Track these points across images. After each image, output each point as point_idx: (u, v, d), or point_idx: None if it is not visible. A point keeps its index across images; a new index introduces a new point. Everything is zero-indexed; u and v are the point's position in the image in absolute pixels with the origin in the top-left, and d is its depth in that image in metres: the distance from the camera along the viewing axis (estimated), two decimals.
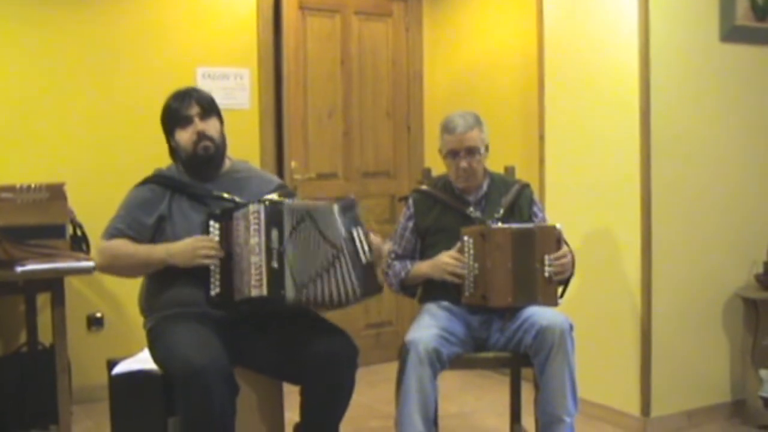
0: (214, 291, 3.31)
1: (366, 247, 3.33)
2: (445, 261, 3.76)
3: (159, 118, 3.59)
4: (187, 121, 3.50)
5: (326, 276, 3.27)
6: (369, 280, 3.34)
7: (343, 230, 3.32)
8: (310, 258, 3.28)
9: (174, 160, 3.62)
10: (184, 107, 3.51)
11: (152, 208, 3.44)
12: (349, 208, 3.38)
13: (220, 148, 3.56)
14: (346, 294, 3.29)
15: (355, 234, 3.34)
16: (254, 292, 3.22)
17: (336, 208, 3.36)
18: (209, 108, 3.55)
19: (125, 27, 5.32)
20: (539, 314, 3.61)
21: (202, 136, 3.49)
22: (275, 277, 3.22)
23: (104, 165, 5.20)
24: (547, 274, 3.69)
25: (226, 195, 3.48)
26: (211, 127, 3.52)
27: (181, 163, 3.56)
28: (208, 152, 3.51)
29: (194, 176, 3.54)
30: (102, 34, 5.26)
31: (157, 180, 3.52)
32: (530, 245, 3.70)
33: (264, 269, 3.21)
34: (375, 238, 3.40)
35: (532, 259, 3.69)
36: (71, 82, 5.18)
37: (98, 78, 5.25)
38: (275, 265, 3.22)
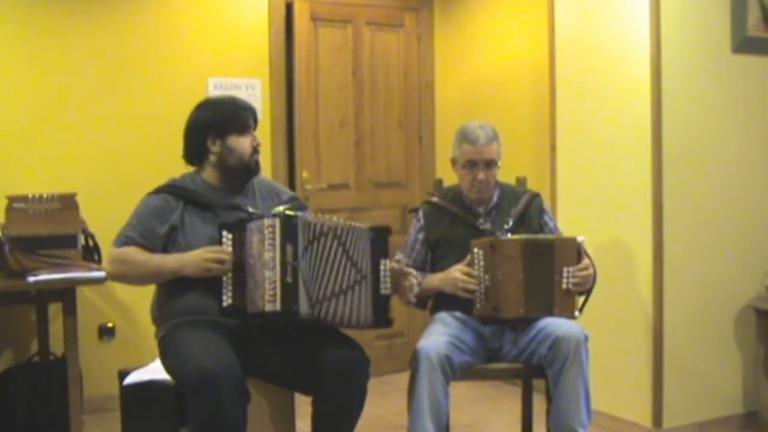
0: (227, 302, 3.33)
1: (388, 281, 3.35)
2: (457, 277, 3.74)
3: (192, 119, 3.58)
4: (247, 130, 3.55)
5: (344, 297, 3.29)
6: (381, 313, 3.35)
7: (370, 257, 3.33)
8: (330, 275, 3.29)
9: (193, 165, 3.62)
10: (245, 116, 3.57)
11: (165, 217, 3.44)
12: (382, 238, 3.38)
13: None
14: (357, 319, 3.31)
15: (381, 265, 3.35)
16: (268, 307, 3.24)
17: (370, 234, 3.36)
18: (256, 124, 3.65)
19: (138, 38, 5.34)
20: (554, 325, 3.60)
21: (256, 148, 3.58)
22: (289, 292, 3.22)
23: (116, 175, 5.21)
24: (565, 286, 3.68)
25: (239, 204, 3.49)
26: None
27: (223, 169, 3.54)
28: (258, 165, 3.59)
29: (230, 184, 3.56)
30: (114, 44, 5.28)
31: (171, 190, 3.51)
32: (548, 256, 3.69)
33: (278, 284, 3.23)
34: (397, 271, 3.43)
35: (550, 271, 3.68)
36: (83, 93, 5.20)
37: (110, 88, 5.27)
38: (289, 279, 3.23)
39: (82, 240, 4.46)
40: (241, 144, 3.52)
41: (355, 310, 3.30)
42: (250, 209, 3.47)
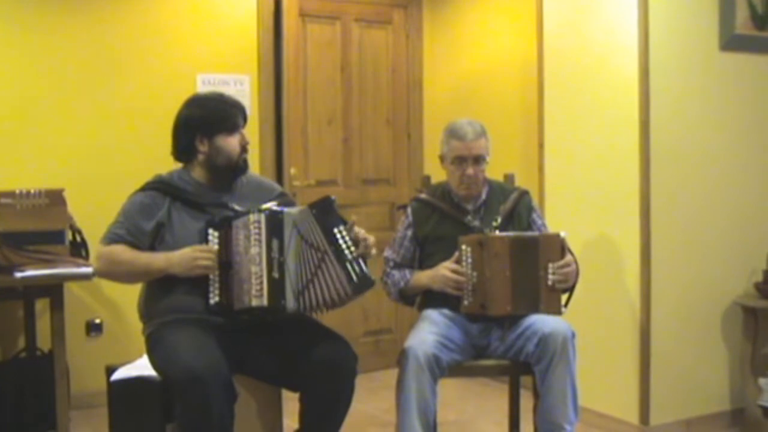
0: (214, 299, 3.33)
1: (350, 245, 3.28)
2: (445, 274, 3.74)
3: (180, 117, 3.54)
4: (236, 129, 3.52)
5: (316, 280, 3.26)
6: (358, 276, 3.26)
7: (323, 232, 3.27)
8: (302, 265, 3.28)
9: (182, 162, 3.59)
10: (234, 115, 3.54)
11: (151, 214, 3.42)
12: (327, 209, 3.33)
13: None
14: (338, 295, 3.25)
15: (337, 233, 3.28)
16: (255, 302, 3.25)
17: (313, 211, 3.31)
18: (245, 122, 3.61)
19: (126, 34, 5.32)
20: (541, 322, 3.61)
21: (245, 147, 3.55)
22: (276, 287, 3.23)
23: (104, 171, 5.19)
24: (550, 282, 3.68)
25: (226, 203, 3.48)
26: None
27: (211, 168, 3.52)
28: (246, 164, 3.57)
29: (219, 183, 3.54)
30: (102, 40, 5.26)
31: (157, 186, 3.50)
32: (532, 253, 3.69)
33: (264, 279, 3.24)
34: (360, 232, 3.34)
35: (535, 267, 3.68)
36: (71, 89, 5.18)
37: (98, 84, 5.25)
38: (276, 275, 3.24)
39: (69, 236, 4.45)
40: (230, 144, 3.49)
41: (332, 287, 3.24)
42: (237, 207, 3.45)
